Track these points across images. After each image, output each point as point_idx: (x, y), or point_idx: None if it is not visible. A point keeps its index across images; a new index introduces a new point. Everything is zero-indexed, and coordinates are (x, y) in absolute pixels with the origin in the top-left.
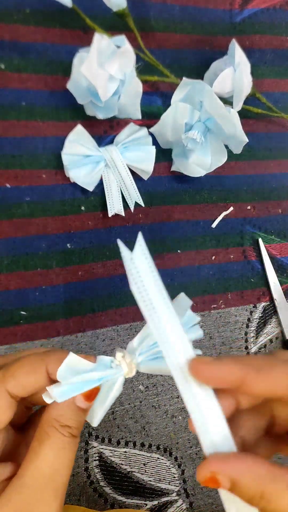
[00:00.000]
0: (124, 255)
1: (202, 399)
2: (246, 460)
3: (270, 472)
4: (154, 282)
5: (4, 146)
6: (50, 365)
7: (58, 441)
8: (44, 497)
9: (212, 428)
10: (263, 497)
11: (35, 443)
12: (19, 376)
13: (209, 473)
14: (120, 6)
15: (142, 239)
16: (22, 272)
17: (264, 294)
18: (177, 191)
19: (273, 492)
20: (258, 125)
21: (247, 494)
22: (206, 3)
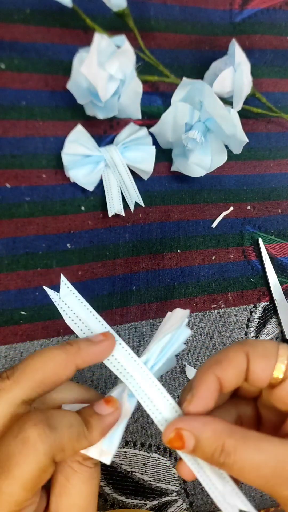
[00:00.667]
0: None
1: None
2: (206, 418)
3: (228, 427)
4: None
5: (4, 146)
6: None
7: (85, 474)
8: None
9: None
10: (223, 449)
11: (62, 478)
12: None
13: (174, 431)
14: (120, 6)
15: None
16: (22, 272)
17: (264, 294)
18: (177, 191)
19: (232, 444)
20: (258, 125)
21: (209, 450)
22: (206, 3)
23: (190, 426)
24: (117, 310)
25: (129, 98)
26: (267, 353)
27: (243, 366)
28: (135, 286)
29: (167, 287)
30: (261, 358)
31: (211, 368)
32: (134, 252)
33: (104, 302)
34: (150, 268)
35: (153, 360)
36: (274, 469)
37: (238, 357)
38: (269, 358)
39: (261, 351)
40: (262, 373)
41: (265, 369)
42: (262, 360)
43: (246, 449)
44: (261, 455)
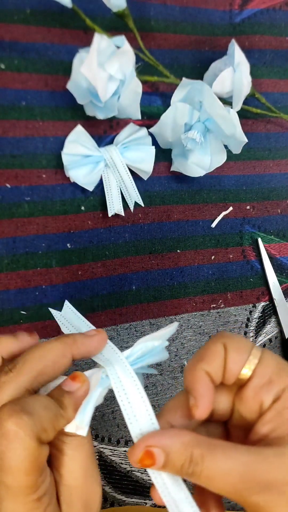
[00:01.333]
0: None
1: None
2: (174, 431)
3: (195, 437)
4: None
5: (4, 146)
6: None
7: (75, 442)
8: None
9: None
10: (192, 460)
11: (55, 451)
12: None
13: (143, 449)
14: (120, 6)
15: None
16: (22, 271)
17: (264, 294)
18: (176, 191)
19: (199, 453)
20: (258, 125)
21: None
22: (206, 4)
23: (160, 442)
24: (117, 310)
25: (129, 98)
26: (242, 347)
27: (223, 355)
28: (135, 285)
29: (167, 287)
30: (236, 350)
31: (197, 365)
32: (134, 252)
33: (103, 301)
34: (149, 268)
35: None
36: (241, 475)
37: (218, 347)
38: (243, 351)
39: (237, 343)
40: (235, 366)
41: (238, 361)
42: (237, 352)
43: (213, 457)
44: (228, 462)
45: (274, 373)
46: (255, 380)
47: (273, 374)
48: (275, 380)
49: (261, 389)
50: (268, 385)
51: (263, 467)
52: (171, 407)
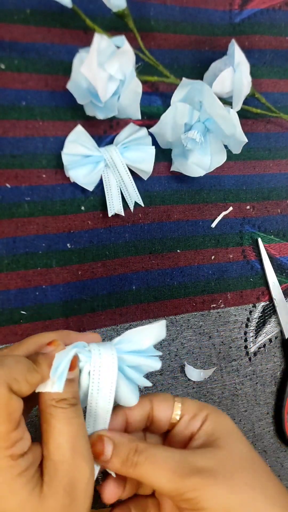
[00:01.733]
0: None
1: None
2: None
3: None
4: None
5: (4, 146)
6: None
7: (63, 415)
8: (76, 465)
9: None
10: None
11: (44, 425)
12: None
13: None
14: (120, 6)
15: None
16: (22, 271)
17: (264, 294)
18: (176, 191)
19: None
20: (258, 125)
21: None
22: (206, 4)
23: (110, 434)
24: (117, 310)
25: (128, 98)
26: (166, 398)
27: (147, 408)
28: (135, 285)
29: (167, 287)
30: (162, 401)
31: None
32: (134, 252)
33: (104, 301)
34: (149, 268)
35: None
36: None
37: (144, 401)
38: (167, 401)
39: (161, 397)
40: (164, 414)
41: (166, 409)
42: (163, 403)
43: (155, 448)
44: (168, 452)
45: (196, 409)
46: (184, 418)
47: (195, 410)
48: (198, 413)
49: (190, 423)
50: (194, 418)
51: (196, 457)
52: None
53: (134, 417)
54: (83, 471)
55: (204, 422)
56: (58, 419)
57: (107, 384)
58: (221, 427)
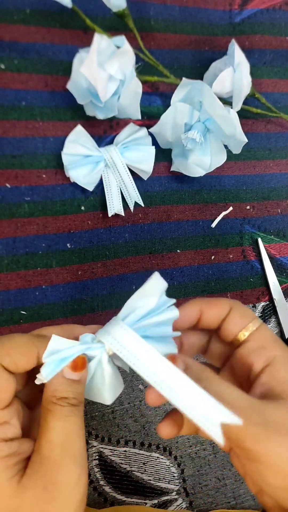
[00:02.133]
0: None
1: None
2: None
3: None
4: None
5: (4, 146)
6: (41, 349)
7: (60, 412)
8: (63, 464)
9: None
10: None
11: (42, 420)
12: (13, 354)
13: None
14: (120, 6)
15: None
16: (22, 271)
17: (264, 294)
18: (176, 191)
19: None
20: (258, 125)
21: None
22: (206, 4)
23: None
24: (117, 310)
25: (128, 98)
26: (245, 314)
27: (224, 312)
28: (135, 285)
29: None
30: (239, 314)
31: (200, 301)
32: (134, 252)
33: (104, 301)
34: (149, 267)
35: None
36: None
37: (224, 305)
38: (245, 318)
39: (242, 310)
40: (234, 327)
41: (238, 324)
42: (240, 317)
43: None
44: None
45: (268, 341)
46: (250, 344)
47: (266, 341)
48: (268, 346)
49: (254, 352)
50: (260, 350)
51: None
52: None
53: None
54: (70, 472)
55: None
56: (54, 414)
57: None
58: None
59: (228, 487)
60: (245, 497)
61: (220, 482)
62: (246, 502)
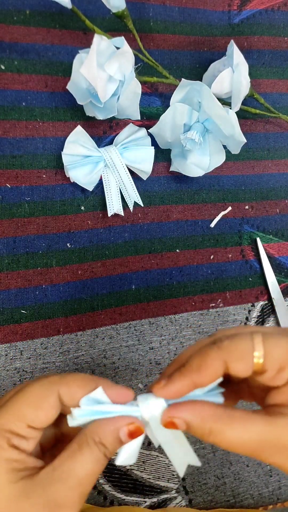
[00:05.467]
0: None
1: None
2: (195, 406)
3: (214, 413)
4: None
5: (4, 147)
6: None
7: (96, 453)
8: (72, 496)
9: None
10: (211, 432)
11: (75, 445)
12: (72, 386)
13: (168, 418)
14: (119, 7)
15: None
16: (22, 271)
17: (262, 293)
18: (175, 191)
19: (218, 428)
20: (256, 126)
21: (199, 432)
22: (205, 5)
23: (180, 414)
24: (117, 309)
25: (128, 99)
26: (244, 355)
27: (220, 372)
28: (134, 285)
29: (166, 286)
30: (238, 361)
31: (190, 373)
32: (133, 251)
33: (103, 301)
34: (149, 267)
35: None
36: (259, 442)
37: (216, 365)
38: (246, 360)
39: (237, 354)
40: (242, 373)
41: (244, 369)
42: (240, 363)
43: (232, 430)
44: (247, 433)
45: (283, 361)
46: (267, 374)
47: (282, 362)
48: (285, 366)
49: (274, 378)
50: (280, 373)
51: (278, 434)
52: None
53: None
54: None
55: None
56: (91, 452)
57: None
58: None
59: (227, 485)
60: (244, 496)
61: (219, 480)
62: (245, 501)
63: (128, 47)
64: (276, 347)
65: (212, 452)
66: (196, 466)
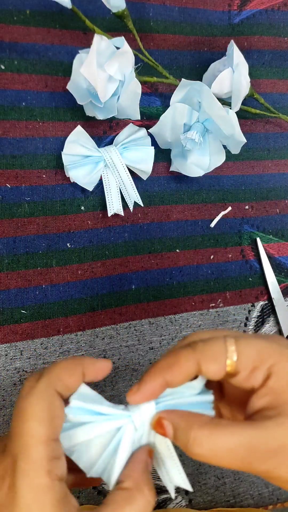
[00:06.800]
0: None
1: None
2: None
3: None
4: None
5: (4, 147)
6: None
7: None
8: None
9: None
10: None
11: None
12: (63, 378)
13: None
14: (120, 7)
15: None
16: (22, 271)
17: (262, 293)
18: (175, 191)
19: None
20: (256, 126)
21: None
22: (205, 5)
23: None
24: (117, 309)
25: (128, 99)
26: (216, 355)
27: (192, 371)
28: (134, 285)
29: (166, 286)
30: (211, 362)
31: (161, 371)
32: (133, 251)
33: (103, 301)
34: (149, 267)
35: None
36: (247, 449)
37: (188, 364)
38: (218, 359)
39: (210, 355)
40: (215, 374)
41: (217, 370)
42: (213, 364)
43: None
44: (234, 439)
45: (256, 361)
46: (241, 374)
47: (255, 362)
48: (259, 365)
49: (249, 378)
50: (254, 373)
51: (267, 437)
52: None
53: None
54: None
55: (267, 378)
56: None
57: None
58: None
59: (227, 485)
60: (244, 496)
61: (219, 480)
62: (245, 501)
63: (128, 47)
64: (248, 347)
65: None
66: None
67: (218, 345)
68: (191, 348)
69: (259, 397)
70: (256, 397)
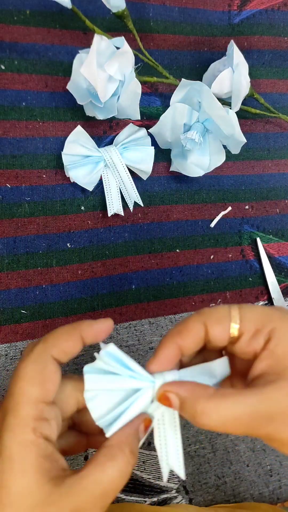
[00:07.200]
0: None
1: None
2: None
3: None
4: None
5: (4, 147)
6: (83, 331)
7: (122, 463)
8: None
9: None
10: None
11: (102, 458)
12: (59, 343)
13: (162, 391)
14: (120, 7)
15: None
16: (22, 271)
17: (262, 293)
18: (175, 191)
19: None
20: (256, 126)
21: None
22: (205, 5)
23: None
24: (117, 309)
25: (128, 99)
26: (221, 318)
27: (201, 334)
28: (134, 285)
29: (166, 286)
30: (216, 324)
31: (172, 337)
32: (133, 251)
33: (103, 301)
34: (149, 267)
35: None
36: (250, 416)
37: (196, 327)
38: (223, 322)
39: (216, 317)
40: (220, 336)
41: (222, 331)
42: (218, 325)
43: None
44: (238, 408)
45: (258, 324)
46: (244, 337)
47: (257, 325)
48: (261, 328)
49: (251, 341)
50: (256, 336)
51: (269, 402)
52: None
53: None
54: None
55: (268, 341)
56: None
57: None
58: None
59: (227, 485)
60: (245, 495)
61: (219, 480)
62: (245, 500)
63: (128, 47)
64: (251, 312)
65: (213, 452)
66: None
67: (223, 310)
68: (198, 314)
69: (261, 360)
70: (258, 361)
